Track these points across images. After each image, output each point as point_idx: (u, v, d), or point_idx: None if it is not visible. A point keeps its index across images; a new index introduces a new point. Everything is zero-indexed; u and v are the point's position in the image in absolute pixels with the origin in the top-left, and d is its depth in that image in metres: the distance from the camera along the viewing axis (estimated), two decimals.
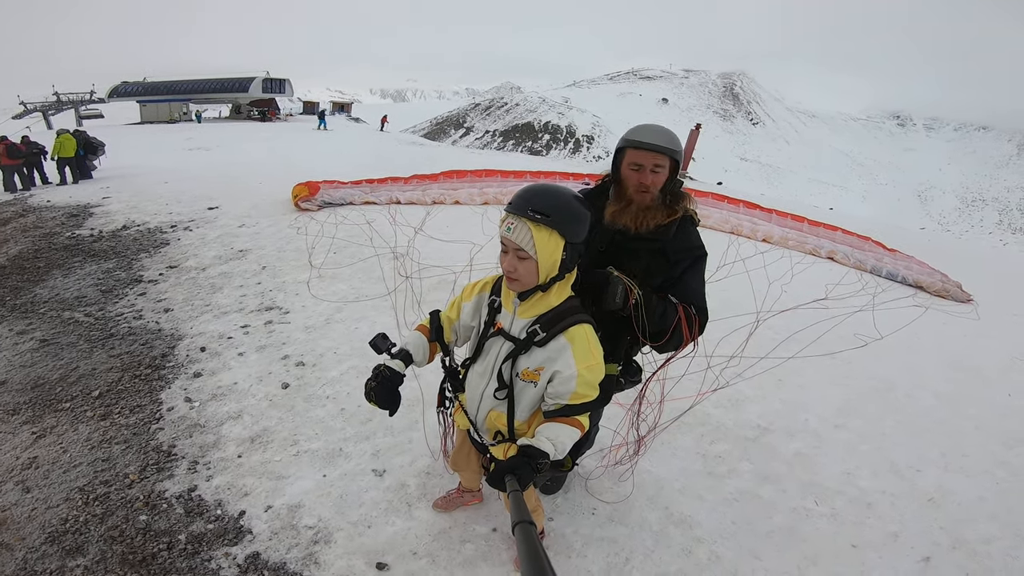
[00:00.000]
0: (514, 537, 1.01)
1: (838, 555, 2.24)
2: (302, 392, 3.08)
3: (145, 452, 2.62)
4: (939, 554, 2.30)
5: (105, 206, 7.66)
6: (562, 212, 1.37)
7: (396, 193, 8.48)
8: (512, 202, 1.41)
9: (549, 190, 1.42)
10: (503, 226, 1.42)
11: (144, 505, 2.29)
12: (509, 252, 1.42)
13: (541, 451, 1.38)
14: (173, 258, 5.45)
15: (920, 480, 2.78)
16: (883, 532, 2.39)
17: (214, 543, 2.12)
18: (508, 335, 1.52)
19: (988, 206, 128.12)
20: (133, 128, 26.26)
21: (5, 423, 2.86)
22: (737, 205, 9.58)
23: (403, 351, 1.64)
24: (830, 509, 2.50)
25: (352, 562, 2.03)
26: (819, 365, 3.97)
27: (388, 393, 1.56)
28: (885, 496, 2.63)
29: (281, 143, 18.49)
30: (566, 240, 1.39)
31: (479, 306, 1.63)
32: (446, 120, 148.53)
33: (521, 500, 1.18)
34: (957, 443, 3.17)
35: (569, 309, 1.48)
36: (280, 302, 4.33)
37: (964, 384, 4.06)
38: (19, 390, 3.15)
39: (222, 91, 33.59)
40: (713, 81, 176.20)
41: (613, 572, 2.07)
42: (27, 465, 2.54)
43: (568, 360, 1.43)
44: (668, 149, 1.64)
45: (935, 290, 6.88)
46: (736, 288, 5.06)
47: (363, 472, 2.48)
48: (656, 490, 2.50)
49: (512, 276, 1.43)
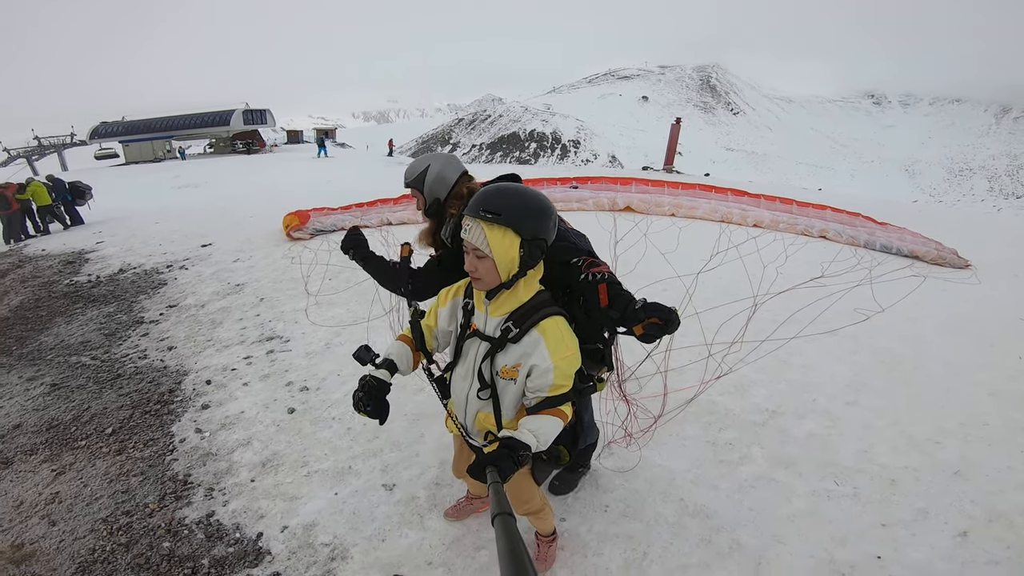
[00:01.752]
0: (493, 528, 1.01)
1: (866, 534, 2.22)
2: (308, 415, 3.10)
3: (162, 482, 2.68)
4: (976, 528, 2.25)
5: (99, 251, 7.70)
6: (514, 210, 1.39)
7: (387, 214, 8.52)
8: (468, 203, 1.44)
9: (504, 190, 1.43)
10: (462, 229, 1.44)
11: (166, 532, 2.36)
12: (469, 252, 1.45)
13: (522, 443, 1.39)
14: (172, 297, 5.48)
15: (941, 453, 2.74)
16: (912, 509, 2.36)
17: (236, 565, 2.16)
18: (483, 335, 1.54)
19: (976, 174, 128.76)
20: (118, 169, 26.39)
21: (25, 463, 2.94)
22: (724, 194, 9.64)
23: (387, 361, 1.66)
24: (852, 488, 2.48)
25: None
26: (822, 343, 3.97)
27: (377, 402, 1.58)
28: (908, 472, 2.60)
29: (269, 175, 18.61)
30: (521, 237, 1.40)
31: (454, 310, 1.66)
32: (432, 138, 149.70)
33: (501, 492, 1.18)
34: (974, 412, 3.13)
35: (539, 303, 1.51)
36: (280, 331, 4.35)
37: (972, 350, 4.02)
38: (35, 432, 3.22)
39: (203, 126, 33.64)
40: (689, 75, 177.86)
41: (632, 568, 2.06)
42: (50, 500, 2.61)
43: (543, 353, 1.45)
44: (407, 180, 2.03)
45: (931, 259, 6.90)
46: (731, 275, 5.08)
47: (373, 488, 2.50)
48: (668, 482, 2.49)
49: (475, 276, 1.46)
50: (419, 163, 2.04)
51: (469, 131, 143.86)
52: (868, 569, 2.06)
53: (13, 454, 3.01)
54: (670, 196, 9.46)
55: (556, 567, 2.06)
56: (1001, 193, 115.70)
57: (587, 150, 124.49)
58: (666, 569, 2.05)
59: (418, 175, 2.01)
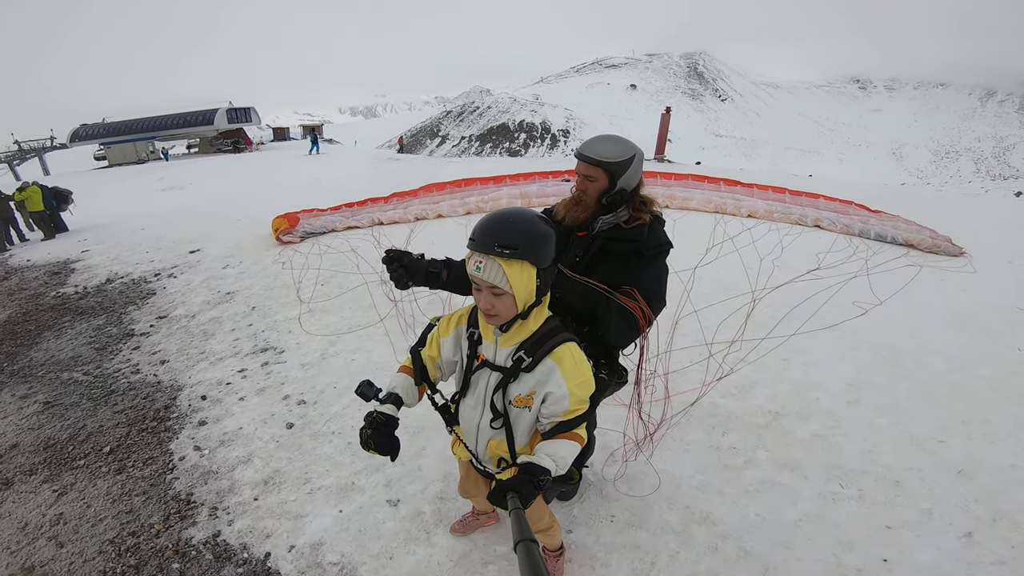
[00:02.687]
0: (516, 555, 1.00)
1: (873, 537, 2.22)
2: (307, 430, 3.06)
3: (165, 502, 2.64)
4: (981, 529, 2.26)
5: (85, 260, 7.55)
6: (529, 240, 1.33)
7: (377, 214, 8.42)
8: (474, 239, 1.36)
9: (510, 219, 1.37)
10: (471, 264, 1.37)
11: (174, 553, 2.33)
12: (483, 290, 1.38)
13: (542, 468, 1.37)
14: (161, 308, 5.37)
15: (945, 452, 2.75)
16: (916, 510, 2.36)
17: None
18: (493, 365, 1.50)
19: (962, 156, 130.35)
20: (101, 172, 25.86)
21: (25, 483, 2.89)
22: (718, 183, 9.62)
23: (392, 395, 1.60)
24: (857, 491, 2.48)
25: None
26: (822, 339, 3.97)
27: (386, 439, 1.53)
28: (912, 472, 2.60)
29: (256, 175, 18.33)
30: (537, 267, 1.36)
31: (458, 340, 1.60)
32: (420, 131, 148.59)
33: (523, 518, 1.17)
34: (976, 408, 3.14)
35: (551, 331, 1.47)
36: (274, 342, 4.28)
37: (971, 343, 4.03)
38: (32, 452, 3.17)
39: (186, 125, 32.96)
40: (676, 63, 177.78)
41: None
42: (55, 521, 2.58)
43: (558, 381, 1.43)
44: (599, 161, 1.74)
45: (926, 247, 6.92)
46: (728, 268, 5.08)
47: (378, 504, 2.47)
48: (674, 489, 2.48)
49: (491, 313, 1.40)
50: (622, 146, 1.79)
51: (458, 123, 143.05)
52: (875, 572, 2.06)
53: (13, 475, 2.95)
54: (663, 187, 9.44)
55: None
56: (988, 175, 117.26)
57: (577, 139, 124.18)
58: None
59: (623, 161, 1.76)
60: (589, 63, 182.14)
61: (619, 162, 1.74)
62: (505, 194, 9.06)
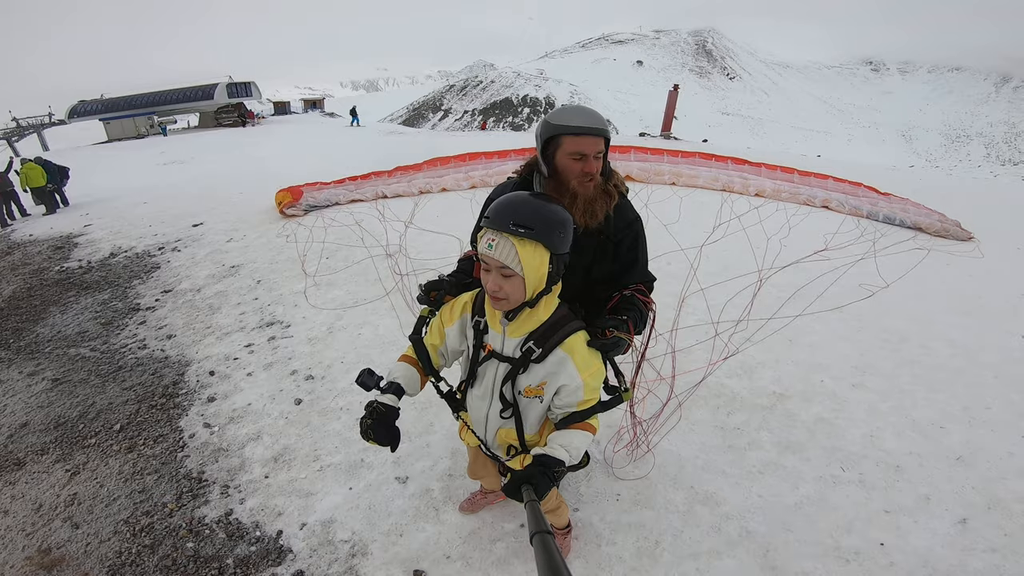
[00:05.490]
0: (532, 547, 0.99)
1: (872, 521, 2.26)
2: (315, 406, 3.08)
3: (177, 480, 2.65)
4: (975, 515, 2.29)
5: (88, 234, 7.52)
6: (546, 223, 1.29)
7: (381, 187, 8.35)
8: (489, 216, 1.32)
9: (528, 200, 1.33)
10: (483, 242, 1.32)
11: (188, 533, 2.34)
12: (492, 270, 1.33)
13: (556, 459, 1.36)
14: (167, 282, 5.37)
15: (945, 438, 2.78)
16: (915, 495, 2.40)
17: (260, 564, 2.16)
18: (501, 356, 1.46)
19: (973, 141, 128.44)
20: (100, 148, 25.63)
21: (37, 463, 2.89)
22: (725, 162, 9.49)
23: (393, 384, 1.56)
24: (858, 475, 2.51)
25: (391, 571, 2.07)
26: (827, 320, 3.97)
27: (386, 429, 1.49)
28: (912, 457, 2.63)
29: (259, 148, 18.11)
30: (552, 252, 1.32)
31: (463, 328, 1.56)
32: (423, 105, 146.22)
33: (538, 510, 1.16)
34: (978, 395, 3.15)
35: (561, 319, 1.43)
36: (280, 316, 4.29)
37: (976, 329, 4.02)
38: (43, 430, 3.17)
39: (186, 100, 32.70)
40: (684, 40, 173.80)
41: (645, 557, 2.09)
42: (69, 502, 2.57)
43: (571, 372, 1.40)
44: (604, 130, 1.54)
45: (934, 231, 6.86)
46: (734, 247, 5.05)
47: (387, 481, 2.49)
48: (678, 469, 2.51)
49: (498, 296, 1.35)
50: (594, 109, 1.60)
51: (461, 97, 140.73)
52: (872, 555, 2.10)
53: (24, 454, 2.96)
54: (670, 164, 9.31)
55: (571, 557, 2.08)
56: (998, 160, 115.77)
57: None
58: (677, 557, 2.08)
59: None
60: (596, 38, 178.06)
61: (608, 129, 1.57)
62: (511, 168, 8.95)
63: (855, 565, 2.06)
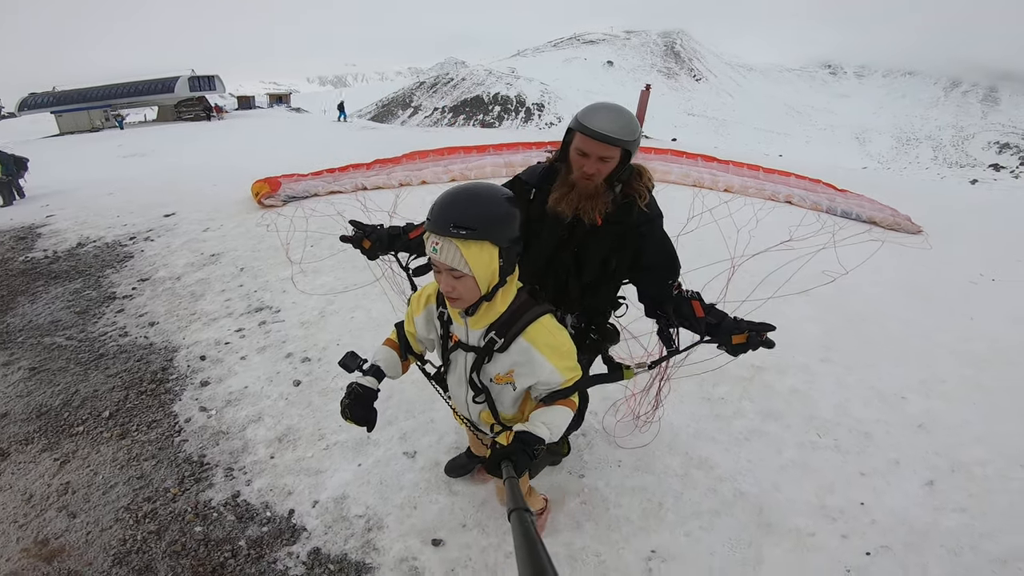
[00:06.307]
0: (510, 523, 1.00)
1: (850, 482, 2.46)
2: (315, 387, 3.10)
3: (177, 465, 2.60)
4: (941, 478, 2.51)
5: (51, 225, 7.17)
6: (487, 219, 1.24)
7: (360, 179, 8.30)
8: (430, 218, 1.26)
9: (466, 197, 1.26)
10: (428, 246, 1.28)
11: (195, 517, 2.31)
12: (443, 272, 1.30)
13: (536, 436, 1.37)
14: (142, 271, 5.22)
15: (907, 407, 3.03)
16: (885, 459, 2.61)
17: (274, 544, 2.16)
18: (467, 346, 1.47)
19: (922, 144, 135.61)
20: (52, 141, 24.29)
21: (22, 453, 2.78)
22: (695, 159, 9.85)
23: (374, 367, 1.61)
24: (833, 441, 2.73)
25: (408, 543, 2.12)
26: (795, 303, 4.24)
27: (363, 410, 1.54)
28: (880, 425, 2.86)
29: (225, 142, 17.57)
30: (499, 247, 1.27)
31: (430, 318, 1.57)
32: (392, 101, 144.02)
33: (517, 487, 1.16)
34: (933, 369, 3.44)
35: (520, 307, 1.41)
36: (268, 301, 4.25)
37: (928, 311, 4.38)
38: (24, 420, 3.05)
39: (145, 93, 31.42)
40: (654, 41, 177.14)
41: (650, 517, 2.23)
42: (62, 491, 2.49)
43: (540, 362, 1.40)
44: (619, 140, 1.51)
45: (887, 224, 7.35)
46: (708, 237, 5.31)
47: (395, 457, 2.55)
48: (672, 436, 2.68)
49: (452, 296, 1.33)
50: (629, 117, 1.56)
51: (431, 94, 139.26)
52: (854, 514, 2.30)
53: (7, 444, 2.85)
54: (642, 160, 9.58)
55: (582, 519, 2.20)
56: (945, 162, 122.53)
57: (551, 113, 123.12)
58: (681, 517, 2.24)
59: (639, 137, 1.59)
60: (567, 38, 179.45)
61: (636, 140, 1.56)
62: (489, 162, 9.05)
63: (841, 523, 2.25)
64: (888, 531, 2.22)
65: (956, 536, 2.20)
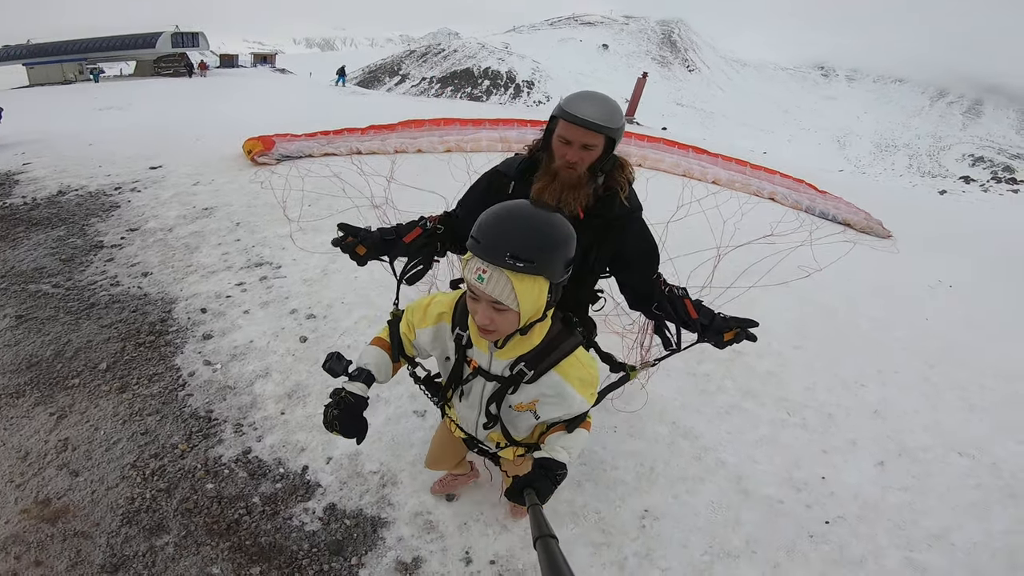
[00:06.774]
0: (536, 551, 0.97)
1: (814, 459, 2.72)
2: (322, 344, 3.16)
3: (183, 420, 2.57)
4: (890, 459, 2.79)
5: (28, 172, 6.89)
6: (548, 250, 1.11)
7: (355, 143, 8.22)
8: (480, 240, 1.11)
9: (526, 219, 1.12)
10: (472, 272, 1.12)
11: (206, 473, 2.29)
12: (482, 302, 1.15)
13: (558, 462, 1.30)
14: (130, 221, 5.13)
15: (865, 394, 3.32)
16: (844, 440, 2.88)
17: (289, 500, 2.18)
18: (489, 374, 1.35)
19: (899, 151, 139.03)
20: (22, 92, 22.85)
21: (14, 407, 2.62)
22: (686, 150, 10.06)
23: (363, 371, 1.45)
24: (801, 420, 2.99)
25: (423, 499, 2.23)
26: (774, 293, 4.49)
27: (353, 420, 1.39)
28: (840, 408, 3.14)
29: (204, 98, 16.92)
30: (552, 281, 1.16)
31: (440, 336, 1.42)
32: (379, 68, 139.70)
33: (541, 514, 1.10)
34: (890, 361, 3.75)
35: (556, 338, 1.32)
36: (268, 257, 4.26)
37: (891, 309, 4.72)
38: (13, 371, 2.88)
39: (125, 48, 29.91)
40: (652, 28, 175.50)
41: (643, 480, 2.45)
42: (61, 448, 2.38)
43: (571, 396, 1.33)
44: (603, 127, 1.48)
45: (861, 227, 7.73)
46: (697, 225, 5.54)
47: (405, 415, 2.65)
48: (662, 407, 2.89)
49: (488, 328, 1.19)
50: (614, 106, 1.53)
51: (420, 64, 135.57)
52: (816, 487, 2.56)
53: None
54: (636, 148, 9.76)
55: (582, 479, 2.39)
56: (918, 171, 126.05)
57: (540, 92, 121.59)
58: (670, 480, 2.46)
59: (623, 125, 1.55)
60: (565, 17, 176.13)
61: (620, 128, 1.53)
62: (485, 136, 9.09)
63: (805, 493, 2.50)
64: (844, 503, 2.48)
65: (900, 511, 2.48)
